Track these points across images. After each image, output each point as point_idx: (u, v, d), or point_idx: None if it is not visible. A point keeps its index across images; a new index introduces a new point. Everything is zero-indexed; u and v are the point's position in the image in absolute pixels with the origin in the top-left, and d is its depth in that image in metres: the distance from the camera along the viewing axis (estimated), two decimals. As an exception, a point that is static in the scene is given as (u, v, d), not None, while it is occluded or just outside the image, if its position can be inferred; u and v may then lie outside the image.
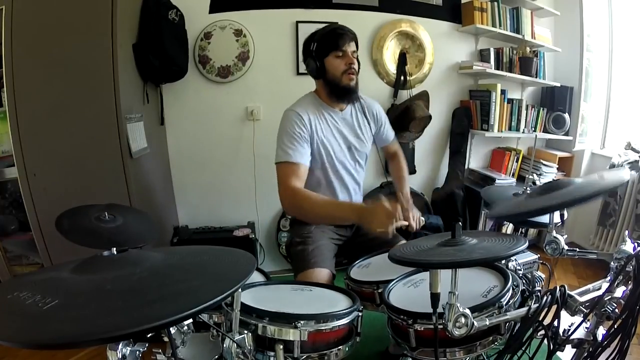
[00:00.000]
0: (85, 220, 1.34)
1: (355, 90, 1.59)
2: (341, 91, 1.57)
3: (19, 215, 2.00)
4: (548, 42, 2.94)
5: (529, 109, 2.89)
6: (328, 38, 1.53)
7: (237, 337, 0.89)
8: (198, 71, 2.51)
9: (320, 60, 1.54)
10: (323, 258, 1.51)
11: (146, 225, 1.50)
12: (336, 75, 1.54)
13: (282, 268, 2.72)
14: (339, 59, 1.53)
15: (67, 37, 1.73)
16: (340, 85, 1.55)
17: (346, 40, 1.52)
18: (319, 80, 1.60)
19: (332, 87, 1.57)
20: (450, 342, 0.92)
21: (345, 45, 1.52)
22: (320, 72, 1.55)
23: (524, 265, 1.31)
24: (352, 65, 1.54)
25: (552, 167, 2.88)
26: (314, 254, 1.51)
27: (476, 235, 0.98)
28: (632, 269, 0.98)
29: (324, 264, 1.49)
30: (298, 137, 1.49)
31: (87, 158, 1.81)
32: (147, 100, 2.22)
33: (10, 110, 1.74)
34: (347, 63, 1.53)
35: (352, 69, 1.54)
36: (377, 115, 1.77)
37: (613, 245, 2.58)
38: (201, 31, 2.45)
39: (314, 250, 1.53)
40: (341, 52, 1.52)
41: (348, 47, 1.52)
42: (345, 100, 1.62)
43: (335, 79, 1.55)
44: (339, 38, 1.51)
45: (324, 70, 1.55)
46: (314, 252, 1.52)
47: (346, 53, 1.52)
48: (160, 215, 2.38)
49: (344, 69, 1.53)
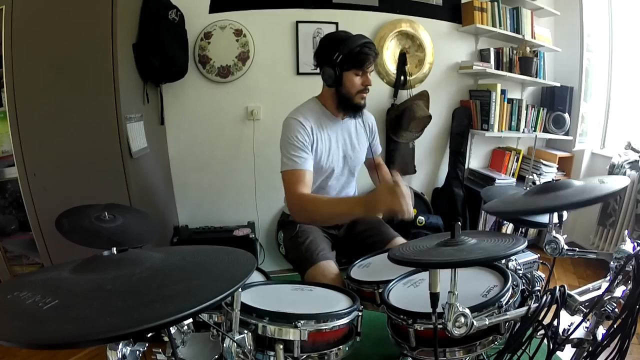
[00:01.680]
0: (85, 220, 1.34)
1: (362, 108, 1.61)
2: (351, 107, 1.59)
3: (19, 215, 2.00)
4: (548, 42, 2.94)
5: (529, 109, 2.89)
6: (355, 55, 1.50)
7: (237, 336, 0.89)
8: (198, 71, 2.51)
9: (339, 72, 1.52)
10: (322, 249, 1.51)
11: (146, 225, 1.50)
12: (351, 92, 1.55)
13: (282, 268, 2.72)
14: (358, 77, 1.53)
15: (67, 37, 1.73)
16: (352, 103, 1.57)
17: (371, 62, 1.52)
18: (331, 88, 1.58)
19: (343, 101, 1.58)
20: (450, 341, 0.92)
21: (367, 66, 1.52)
22: (336, 83, 1.54)
23: (524, 265, 1.31)
24: (368, 87, 1.55)
25: (552, 167, 2.88)
26: (311, 248, 1.51)
27: (476, 235, 0.98)
28: (632, 268, 0.98)
29: (325, 255, 1.48)
30: (301, 146, 1.51)
31: (87, 158, 1.81)
32: (147, 100, 2.22)
33: (10, 110, 1.74)
34: (364, 83, 1.54)
35: (367, 89, 1.56)
36: (372, 127, 1.80)
37: (613, 245, 2.58)
38: (201, 31, 2.45)
39: (310, 245, 1.53)
40: (362, 71, 1.53)
41: (369, 68, 1.54)
42: (350, 115, 1.64)
43: (349, 94, 1.55)
44: (366, 60, 1.50)
45: (341, 83, 1.54)
46: (311, 247, 1.52)
47: (366, 74, 1.53)
48: (160, 215, 2.38)
49: (360, 88, 1.54)
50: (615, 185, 1.01)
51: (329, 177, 1.65)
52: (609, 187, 1.02)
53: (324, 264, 1.44)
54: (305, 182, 1.48)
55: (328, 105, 1.63)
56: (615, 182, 1.05)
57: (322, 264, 1.44)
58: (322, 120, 1.61)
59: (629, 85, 2.87)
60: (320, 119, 1.60)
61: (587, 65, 2.85)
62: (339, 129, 1.65)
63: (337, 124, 1.65)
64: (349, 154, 1.68)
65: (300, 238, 1.58)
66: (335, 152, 1.63)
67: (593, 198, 0.99)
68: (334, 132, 1.63)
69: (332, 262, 1.47)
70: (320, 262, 1.45)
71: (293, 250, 1.60)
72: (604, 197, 1.01)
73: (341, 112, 1.63)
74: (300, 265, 1.53)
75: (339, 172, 1.67)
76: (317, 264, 1.44)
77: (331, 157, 1.62)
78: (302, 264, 1.51)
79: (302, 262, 1.50)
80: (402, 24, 2.70)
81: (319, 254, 1.48)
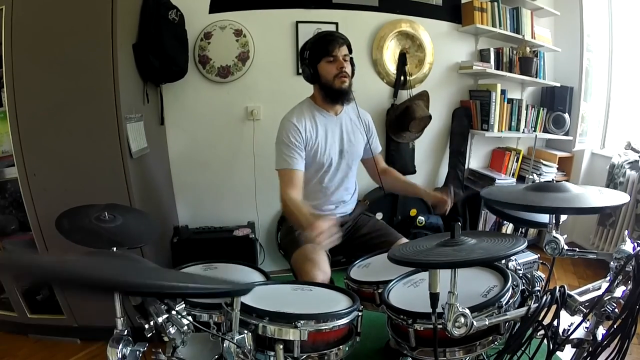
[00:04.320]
0: (85, 220, 1.34)
1: (348, 92, 1.64)
2: (335, 94, 1.63)
3: (19, 215, 2.00)
4: (548, 42, 2.94)
5: (529, 109, 2.89)
6: (319, 45, 1.60)
7: (237, 336, 0.89)
8: (198, 71, 2.51)
9: (313, 67, 1.61)
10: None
11: (146, 226, 1.50)
12: (329, 79, 1.60)
13: (282, 268, 2.72)
14: (330, 64, 1.59)
15: (67, 37, 1.73)
16: (334, 88, 1.61)
17: (336, 45, 1.58)
18: (315, 85, 1.67)
19: (327, 91, 1.63)
20: (449, 341, 0.92)
21: (336, 50, 1.58)
22: (314, 77, 1.63)
23: (524, 265, 1.31)
24: (344, 69, 1.59)
25: (552, 167, 2.88)
26: (301, 236, 1.56)
27: (475, 235, 0.98)
28: (632, 268, 0.98)
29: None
30: (294, 146, 1.59)
31: (87, 158, 1.81)
32: (147, 100, 2.22)
33: (10, 110, 1.73)
34: (338, 67, 1.59)
35: (344, 72, 1.59)
36: (369, 125, 1.82)
37: (613, 245, 2.58)
38: (201, 31, 2.45)
39: (301, 233, 1.57)
40: (332, 57, 1.58)
41: (339, 52, 1.58)
42: (339, 102, 1.68)
43: (328, 82, 1.61)
44: (329, 44, 1.58)
45: (318, 76, 1.62)
46: (302, 235, 1.56)
47: (337, 58, 1.58)
48: (160, 215, 2.38)
49: (335, 73, 1.59)
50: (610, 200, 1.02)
51: (327, 171, 1.69)
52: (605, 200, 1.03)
53: (309, 246, 1.50)
54: (294, 182, 1.57)
55: (319, 103, 1.68)
56: (612, 196, 1.06)
57: (307, 246, 1.51)
58: (317, 118, 1.66)
59: (629, 85, 2.87)
60: (314, 116, 1.66)
61: (587, 65, 2.85)
62: (333, 124, 1.69)
63: (331, 120, 1.69)
64: (345, 148, 1.71)
65: (295, 228, 1.65)
66: (331, 147, 1.67)
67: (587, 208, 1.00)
68: (329, 128, 1.67)
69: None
70: (306, 245, 1.51)
71: (286, 237, 1.69)
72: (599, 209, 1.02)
73: (332, 105, 1.68)
74: (288, 249, 1.62)
75: (337, 167, 1.71)
76: (303, 246, 1.52)
77: (327, 152, 1.66)
78: (290, 248, 1.60)
79: (291, 246, 1.59)
80: (402, 24, 2.70)
81: (305, 239, 1.53)
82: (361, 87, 1.66)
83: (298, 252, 1.55)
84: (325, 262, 1.49)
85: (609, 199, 1.04)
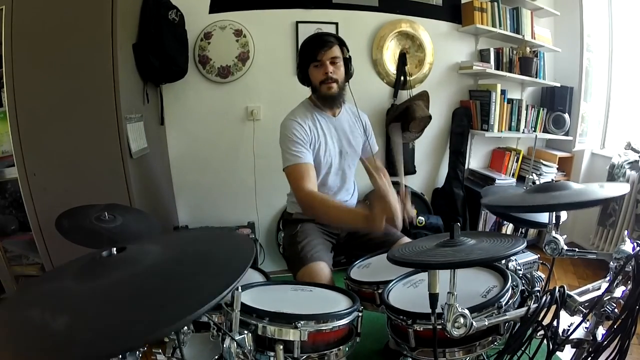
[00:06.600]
0: (85, 220, 1.34)
1: (335, 98, 1.61)
2: (323, 100, 1.62)
3: (19, 215, 2.00)
4: (548, 42, 2.94)
5: (529, 109, 2.89)
6: (306, 49, 1.58)
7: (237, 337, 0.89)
8: (198, 71, 2.51)
9: (304, 71, 1.60)
10: (317, 251, 1.51)
11: (146, 226, 1.50)
12: (316, 85, 1.59)
13: (282, 268, 2.71)
14: (317, 68, 1.56)
15: (67, 37, 1.73)
16: (321, 94, 1.60)
17: (322, 49, 1.53)
18: (310, 87, 1.66)
19: (318, 96, 1.63)
20: (449, 342, 0.92)
21: (321, 55, 1.53)
22: (306, 81, 1.62)
23: (523, 266, 1.31)
24: (329, 74, 1.55)
25: (552, 167, 2.88)
26: (306, 249, 1.52)
27: (475, 235, 0.98)
28: (632, 269, 0.98)
29: (319, 257, 1.48)
30: (301, 142, 1.54)
31: (87, 158, 1.81)
32: (147, 100, 2.22)
33: (10, 110, 1.73)
34: (323, 73, 1.55)
35: (329, 78, 1.55)
36: (366, 126, 1.81)
37: (613, 245, 2.58)
38: (201, 31, 2.45)
39: (306, 245, 1.54)
40: (317, 62, 1.54)
41: (325, 56, 1.53)
42: (329, 107, 1.66)
43: (316, 87, 1.60)
44: (314, 48, 1.54)
45: (309, 80, 1.61)
46: (307, 247, 1.53)
47: (323, 62, 1.54)
48: (161, 215, 2.38)
49: (321, 78, 1.56)
50: (612, 192, 1.02)
51: (327, 172, 1.67)
52: (606, 192, 1.03)
53: (314, 265, 1.44)
54: (309, 176, 1.50)
55: (316, 104, 1.67)
56: (613, 188, 1.05)
57: (312, 265, 1.44)
58: (316, 119, 1.64)
59: (629, 85, 2.87)
60: (314, 117, 1.64)
61: (587, 65, 2.85)
62: (332, 125, 1.68)
63: (330, 121, 1.68)
64: (345, 149, 1.70)
65: (299, 237, 1.59)
66: (331, 147, 1.66)
67: (589, 201, 0.99)
68: (328, 129, 1.66)
69: (324, 264, 1.47)
70: (311, 264, 1.45)
71: (289, 248, 1.62)
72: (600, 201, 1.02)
73: (326, 107, 1.66)
74: (293, 264, 1.55)
75: (337, 168, 1.70)
76: (308, 264, 1.45)
77: (328, 152, 1.65)
78: (295, 264, 1.52)
79: (296, 262, 1.52)
80: (402, 24, 2.70)
81: (312, 255, 1.48)
82: (361, 87, 1.65)
83: (304, 270, 1.45)
84: (331, 281, 1.43)
85: (610, 191, 1.04)
